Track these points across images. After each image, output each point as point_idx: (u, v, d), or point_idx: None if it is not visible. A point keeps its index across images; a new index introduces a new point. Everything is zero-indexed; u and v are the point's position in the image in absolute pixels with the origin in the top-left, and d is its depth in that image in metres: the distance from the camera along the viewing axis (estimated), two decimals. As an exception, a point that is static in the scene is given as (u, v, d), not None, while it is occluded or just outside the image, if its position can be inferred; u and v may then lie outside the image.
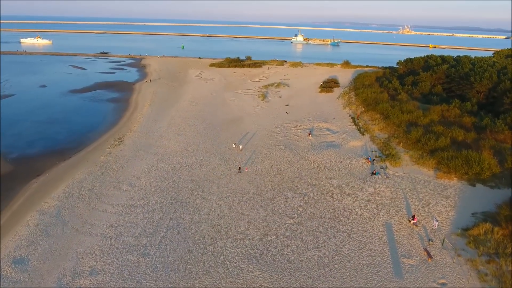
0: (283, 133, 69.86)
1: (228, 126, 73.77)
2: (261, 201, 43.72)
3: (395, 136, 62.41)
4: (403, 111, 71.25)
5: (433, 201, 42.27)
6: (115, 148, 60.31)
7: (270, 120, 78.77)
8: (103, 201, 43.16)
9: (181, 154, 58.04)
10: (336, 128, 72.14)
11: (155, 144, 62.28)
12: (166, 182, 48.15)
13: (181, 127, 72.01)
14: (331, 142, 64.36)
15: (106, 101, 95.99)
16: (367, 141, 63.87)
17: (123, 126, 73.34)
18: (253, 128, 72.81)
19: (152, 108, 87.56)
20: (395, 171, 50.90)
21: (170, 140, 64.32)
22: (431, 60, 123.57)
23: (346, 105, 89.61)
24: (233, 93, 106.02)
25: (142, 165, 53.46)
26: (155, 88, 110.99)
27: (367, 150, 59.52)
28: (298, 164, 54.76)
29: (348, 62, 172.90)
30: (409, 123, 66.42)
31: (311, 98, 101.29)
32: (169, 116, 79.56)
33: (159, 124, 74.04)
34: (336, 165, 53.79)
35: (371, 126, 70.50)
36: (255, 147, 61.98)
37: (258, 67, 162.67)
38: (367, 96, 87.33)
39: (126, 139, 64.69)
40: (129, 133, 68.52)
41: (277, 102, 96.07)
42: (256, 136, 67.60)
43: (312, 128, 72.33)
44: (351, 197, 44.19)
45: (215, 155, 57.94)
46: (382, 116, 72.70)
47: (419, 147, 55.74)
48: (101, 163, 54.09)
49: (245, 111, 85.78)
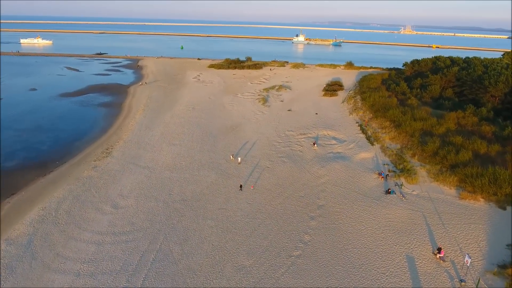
0: (286, 142, 64.46)
1: (226, 134, 68.38)
2: (262, 226, 38.35)
3: (409, 147, 56.98)
4: (416, 118, 65.87)
5: (459, 228, 36.86)
6: (102, 161, 54.92)
7: (272, 127, 73.38)
8: (81, 227, 37.77)
9: (174, 168, 52.64)
10: (343, 137, 66.72)
11: (145, 156, 56.89)
12: (155, 203, 42.76)
13: (175, 136, 66.61)
14: (338, 153, 58.94)
15: (97, 105, 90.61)
16: (377, 152, 58.46)
17: (113, 135, 67.94)
18: (253, 136, 67.43)
19: (145, 113, 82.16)
20: (412, 189, 45.50)
21: (163, 151, 58.92)
22: (439, 62, 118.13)
23: (352, 111, 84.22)
24: (232, 97, 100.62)
25: (129, 181, 48.06)
26: (150, 92, 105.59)
27: (378, 163, 54.10)
28: (303, 179, 49.35)
29: (352, 63, 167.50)
30: (423, 132, 61.04)
31: (314, 102, 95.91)
32: (163, 123, 74.16)
33: (152, 132, 68.64)
34: (345, 181, 48.38)
35: (381, 135, 65.09)
36: (255, 159, 56.58)
37: (258, 68, 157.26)
38: (375, 101, 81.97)
39: (115, 150, 59.28)
40: (119, 142, 63.12)
41: (279, 106, 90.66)
42: (256, 146, 62.22)
43: (317, 137, 66.94)
44: (365, 222, 38.79)
45: (211, 169, 52.55)
46: (392, 124, 67.31)
47: (437, 160, 50.35)
48: (84, 179, 48.70)
49: (245, 117, 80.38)
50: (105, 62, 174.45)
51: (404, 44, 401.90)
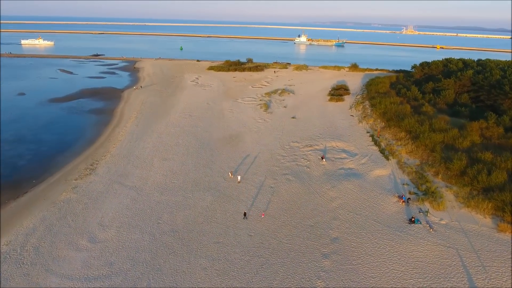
0: (291, 156, 58.14)
1: (224, 146, 62.10)
2: (265, 267, 32.06)
3: (430, 164, 50.59)
4: (435, 129, 59.48)
5: (505, 273, 30.50)
6: (84, 179, 48.66)
7: (275, 137, 67.08)
8: (49, 269, 31.53)
9: (165, 188, 46.36)
10: (353, 149, 60.38)
11: (134, 173, 50.61)
12: (140, 235, 36.50)
13: (169, 148, 60.34)
14: (350, 169, 52.58)
15: (87, 112, 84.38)
16: (394, 168, 52.09)
17: (100, 147, 61.68)
18: (254, 148, 61.14)
19: (138, 121, 75.91)
20: (440, 217, 39.15)
21: (154, 167, 52.64)
22: (451, 65, 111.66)
23: (362, 118, 77.85)
24: (232, 102, 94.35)
25: (113, 206, 41.79)
26: (145, 96, 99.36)
27: (396, 183, 47.75)
28: (312, 203, 43.05)
29: (356, 65, 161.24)
30: (445, 146, 54.67)
31: (319, 108, 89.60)
32: (157, 133, 67.90)
33: (143, 143, 62.38)
34: (361, 206, 42.05)
35: (397, 147, 58.71)
36: (256, 176, 50.26)
37: (260, 70, 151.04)
38: (386, 108, 75.59)
39: (100, 166, 53.02)
40: (106, 156, 56.85)
41: (282, 113, 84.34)
42: (257, 161, 55.91)
43: (325, 149, 60.62)
44: (389, 262, 32.46)
45: (207, 190, 46.26)
46: (408, 135, 60.94)
47: (466, 181, 43.99)
48: (61, 203, 42.46)
49: (245, 126, 74.09)
50: (101, 64, 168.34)
51: (407, 44, 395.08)
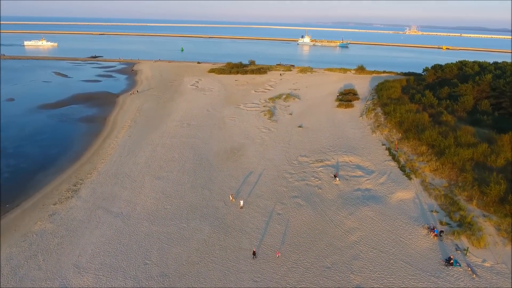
0: (300, 173, 51.79)
1: (225, 161, 55.83)
2: (275, 329, 25.75)
3: (461, 186, 44.12)
4: (461, 143, 53.00)
5: None
6: (64, 204, 42.51)
7: (281, 150, 60.79)
8: (5, 332, 25.35)
9: (156, 216, 40.14)
10: (369, 165, 53.97)
11: (121, 196, 44.41)
12: (122, 281, 30.26)
13: (163, 164, 54.12)
14: (367, 191, 46.21)
15: (78, 120, 78.32)
16: (418, 190, 45.67)
17: (87, 163, 55.50)
18: (258, 164, 54.85)
19: (131, 131, 69.78)
20: (482, 257, 32.73)
21: (144, 189, 46.41)
22: (467, 68, 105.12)
23: (375, 128, 71.41)
24: (233, 108, 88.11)
25: (93, 240, 35.60)
26: (141, 102, 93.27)
27: (423, 209, 41.34)
28: (327, 236, 36.72)
29: (363, 67, 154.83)
30: (475, 164, 48.22)
31: (328, 115, 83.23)
32: (151, 145, 61.70)
33: (135, 158, 56.18)
34: (385, 241, 35.67)
35: (418, 164, 52.25)
36: (261, 200, 43.97)
37: (263, 73, 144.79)
38: (402, 117, 69.08)
39: (84, 187, 46.85)
40: (92, 174, 50.68)
41: (287, 121, 78.03)
42: (262, 179, 49.61)
43: (337, 165, 54.26)
44: (428, 323, 26.09)
45: (205, 217, 40.00)
46: (431, 150, 54.47)
47: (508, 211, 37.52)
48: (33, 236, 36.32)
49: (248, 136, 67.82)
50: (98, 67, 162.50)
51: (412, 45, 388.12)
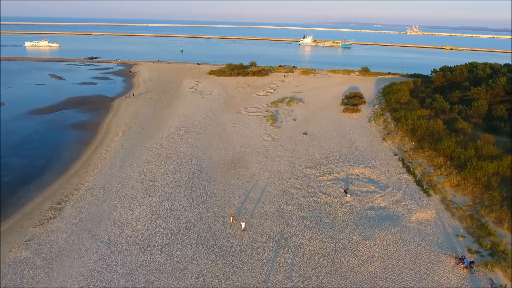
0: (307, 188, 47.27)
1: (225, 174, 51.34)
2: None
3: (488, 206, 39.56)
4: (484, 155, 48.44)
5: None
6: (44, 227, 38.05)
7: (285, 161, 56.29)
8: None
9: (147, 241, 35.64)
10: (382, 179, 49.45)
11: (110, 217, 39.91)
12: (103, 328, 25.76)
13: (157, 178, 49.63)
14: (382, 209, 41.69)
15: (69, 127, 73.86)
16: (439, 209, 41.15)
17: (75, 176, 51.00)
18: (261, 177, 50.36)
19: (125, 140, 65.33)
20: (523, 296, 28.17)
21: (136, 207, 41.91)
22: (478, 70, 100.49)
23: (385, 135, 66.90)
24: (234, 113, 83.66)
25: (73, 273, 31.09)
26: (137, 107, 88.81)
27: (447, 233, 36.81)
28: (341, 267, 32.18)
29: (367, 69, 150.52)
30: (501, 179, 43.67)
31: (334, 121, 78.76)
32: (145, 156, 57.21)
33: (127, 171, 51.69)
34: (408, 273, 31.12)
35: (437, 178, 47.71)
36: (265, 221, 39.46)
37: (264, 75, 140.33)
38: (415, 124, 64.62)
39: (69, 205, 42.38)
40: (79, 189, 46.21)
41: (291, 128, 73.56)
42: (266, 196, 45.12)
43: (347, 178, 49.76)
44: None
45: (202, 243, 35.49)
46: (450, 162, 49.92)
47: (546, 237, 32.97)
48: (6, 268, 31.83)
49: (250, 145, 63.35)
50: (95, 68, 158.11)
51: (414, 45, 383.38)
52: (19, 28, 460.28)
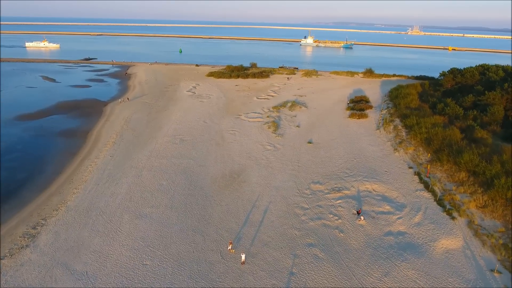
0: (314, 207, 42.23)
1: (223, 191, 46.30)
2: None
3: (524, 233, 34.54)
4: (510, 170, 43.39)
5: None
6: (15, 258, 33.00)
7: (289, 174, 51.24)
8: None
9: (131, 278, 30.56)
10: (397, 197, 44.43)
11: (90, 245, 34.85)
12: None
13: (148, 195, 44.58)
14: (401, 235, 36.65)
15: (56, 135, 68.81)
16: (467, 235, 36.13)
17: (56, 193, 45.94)
18: (263, 194, 45.33)
19: (115, 149, 60.28)
20: None
21: (121, 233, 36.85)
22: (490, 73, 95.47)
23: (397, 145, 61.91)
24: (234, 119, 78.64)
25: (41, 322, 26.08)
26: (131, 112, 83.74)
27: (479, 267, 31.74)
28: (359, 313, 27.15)
29: (371, 70, 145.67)
30: (535, 200, 38.64)
31: (340, 128, 73.77)
32: (135, 169, 52.15)
33: (115, 187, 46.63)
34: (440, 323, 26.09)
35: (459, 196, 42.68)
36: (269, 250, 34.42)
37: (265, 77, 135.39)
38: (430, 133, 59.60)
39: (46, 230, 37.33)
40: (59, 210, 41.17)
41: (295, 136, 68.55)
42: (269, 218, 40.08)
43: (358, 196, 44.74)
44: None
45: (195, 280, 30.44)
46: (473, 178, 44.88)
47: None
48: (-39, 314, 26.83)
49: (251, 155, 58.31)
50: (90, 70, 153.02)
51: (416, 46, 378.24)
52: (19, 28, 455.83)
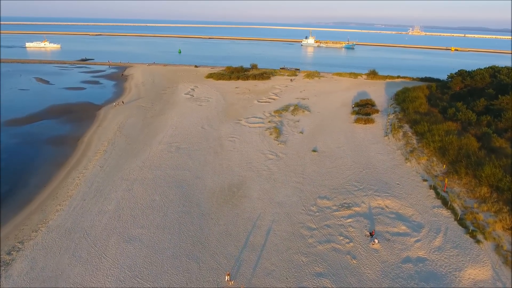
0: (322, 228, 38.10)
1: (221, 208, 42.16)
2: None
3: None
4: (540, 187, 39.29)
5: None
6: (-18, 291, 28.92)
7: (294, 188, 47.11)
8: None
9: (114, 318, 26.47)
10: (413, 214, 40.30)
11: (70, 275, 30.73)
12: None
13: (138, 213, 40.46)
14: (421, 262, 32.51)
15: (45, 142, 64.73)
16: (495, 262, 32.00)
17: (38, 210, 41.83)
18: (265, 212, 41.21)
19: (105, 159, 56.15)
20: None
21: (106, 260, 32.72)
22: (502, 75, 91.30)
23: (408, 154, 57.76)
24: (233, 124, 74.54)
25: None
26: (125, 117, 79.63)
27: (516, 304, 27.62)
28: None
29: (375, 72, 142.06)
30: None
31: (346, 134, 69.68)
32: (126, 182, 48.02)
33: (102, 203, 42.51)
34: None
35: (483, 215, 38.55)
36: (272, 283, 30.30)
37: (266, 79, 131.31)
38: (444, 142, 55.43)
39: (22, 256, 33.21)
40: (38, 232, 37.06)
41: (298, 143, 64.45)
42: (272, 241, 35.94)
43: (370, 213, 40.61)
44: None
45: (189, 320, 26.33)
46: (497, 194, 40.75)
47: None
48: None
49: (252, 165, 54.16)
50: (86, 71, 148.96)
51: (418, 46, 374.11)
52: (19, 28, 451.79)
